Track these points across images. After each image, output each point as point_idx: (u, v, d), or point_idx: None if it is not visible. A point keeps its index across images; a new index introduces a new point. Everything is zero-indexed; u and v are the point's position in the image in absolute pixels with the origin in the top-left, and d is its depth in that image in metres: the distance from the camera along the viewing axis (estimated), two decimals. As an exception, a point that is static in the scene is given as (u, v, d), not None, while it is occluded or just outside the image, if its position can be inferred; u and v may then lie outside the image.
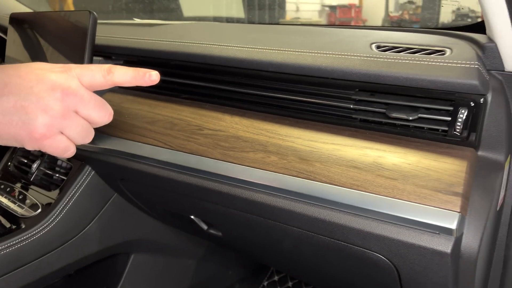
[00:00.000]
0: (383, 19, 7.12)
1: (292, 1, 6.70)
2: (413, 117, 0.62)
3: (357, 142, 0.64)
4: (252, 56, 0.73)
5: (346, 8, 7.54)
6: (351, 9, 7.54)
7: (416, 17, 6.73)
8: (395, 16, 7.09)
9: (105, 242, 1.00)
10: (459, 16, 3.35)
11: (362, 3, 7.72)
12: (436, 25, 4.40)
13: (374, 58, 0.65)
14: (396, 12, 7.24)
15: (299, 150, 0.66)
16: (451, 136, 0.60)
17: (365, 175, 0.60)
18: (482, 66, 0.60)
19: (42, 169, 1.00)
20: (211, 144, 0.73)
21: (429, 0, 5.29)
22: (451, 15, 4.38)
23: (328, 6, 7.54)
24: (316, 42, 0.77)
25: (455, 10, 3.37)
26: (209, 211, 0.79)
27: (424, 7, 6.14)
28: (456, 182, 0.55)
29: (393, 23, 6.79)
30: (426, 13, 5.40)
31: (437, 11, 4.92)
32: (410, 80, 0.60)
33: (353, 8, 7.55)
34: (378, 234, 0.58)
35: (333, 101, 0.69)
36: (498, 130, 0.59)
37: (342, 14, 7.48)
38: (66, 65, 0.49)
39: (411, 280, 0.61)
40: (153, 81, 0.53)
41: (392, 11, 7.32)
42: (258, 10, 3.35)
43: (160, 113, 0.83)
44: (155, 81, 0.53)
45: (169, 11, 1.56)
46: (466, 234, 0.55)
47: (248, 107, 0.77)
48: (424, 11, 6.11)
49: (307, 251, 0.72)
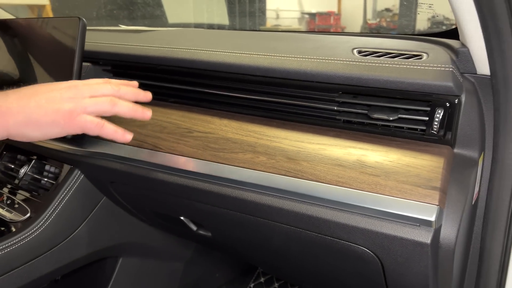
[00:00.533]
0: (361, 26, 7.28)
1: (272, 8, 6.79)
2: (393, 117, 0.66)
3: (341, 141, 0.68)
4: (240, 61, 0.76)
5: (325, 16, 7.68)
6: (330, 17, 7.69)
7: (393, 24, 6.90)
8: (373, 23, 7.26)
9: (94, 246, 1.01)
10: (434, 23, 3.46)
11: (341, 10, 7.88)
12: (412, 32, 4.52)
13: (356, 62, 0.69)
14: (374, 19, 7.41)
15: (287, 150, 0.69)
16: (429, 135, 0.64)
17: (349, 172, 0.63)
18: (456, 70, 0.64)
19: (30, 174, 1.00)
20: (201, 146, 0.76)
21: (406, 8, 5.44)
22: (426, 22, 4.52)
23: (308, 13, 7.67)
24: (300, 47, 0.80)
25: (430, 17, 3.49)
26: (199, 211, 0.81)
27: (401, 14, 6.31)
28: (434, 178, 0.59)
29: (371, 30, 6.95)
30: (403, 20, 5.54)
31: (413, 19, 5.06)
32: (390, 83, 0.64)
33: (332, 16, 7.69)
34: (362, 228, 0.61)
35: (318, 103, 0.72)
36: (471, 128, 0.64)
37: (321, 21, 7.61)
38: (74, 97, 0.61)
39: (394, 271, 0.64)
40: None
41: (370, 18, 7.49)
42: (239, 17, 3.39)
43: (149, 117, 0.85)
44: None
45: (154, 18, 1.59)
46: (444, 226, 0.59)
47: (236, 110, 0.79)
48: (400, 19, 6.28)
49: (295, 247, 0.74)
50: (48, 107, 0.58)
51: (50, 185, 0.97)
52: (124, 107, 0.62)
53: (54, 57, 0.89)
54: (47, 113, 0.58)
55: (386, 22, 7.10)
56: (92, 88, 0.62)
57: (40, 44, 0.91)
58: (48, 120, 0.58)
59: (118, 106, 0.62)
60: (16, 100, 0.58)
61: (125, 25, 1.40)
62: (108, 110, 0.61)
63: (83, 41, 0.86)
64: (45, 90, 0.60)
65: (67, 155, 0.91)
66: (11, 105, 0.57)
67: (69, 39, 0.86)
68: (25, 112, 0.58)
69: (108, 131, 0.62)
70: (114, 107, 0.61)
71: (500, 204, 0.68)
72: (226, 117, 0.79)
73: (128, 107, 0.63)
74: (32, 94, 0.59)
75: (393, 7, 7.14)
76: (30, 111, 0.58)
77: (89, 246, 1.00)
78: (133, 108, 0.63)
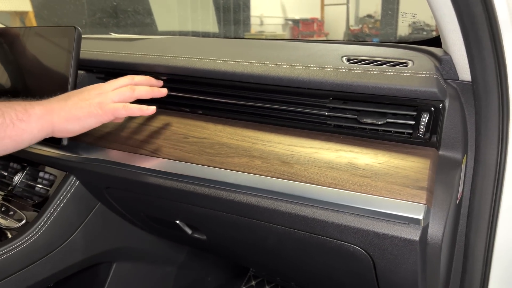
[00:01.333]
0: (344, 32, 7.39)
1: (256, 15, 6.84)
2: (381, 121, 0.69)
3: (333, 145, 0.71)
4: (234, 69, 0.79)
5: (308, 22, 7.76)
6: (313, 23, 7.77)
7: (375, 30, 7.02)
8: (356, 30, 7.38)
9: (89, 251, 1.02)
10: (415, 29, 3.56)
11: (324, 17, 7.98)
12: (394, 37, 4.61)
13: (346, 70, 0.72)
14: (356, 25, 7.53)
15: (281, 154, 0.72)
16: (416, 138, 0.67)
17: (341, 174, 0.66)
18: (440, 76, 0.68)
19: (24, 181, 1.01)
20: (197, 151, 0.78)
21: (387, 14, 5.55)
22: (407, 28, 4.61)
23: (291, 20, 7.74)
24: (291, 55, 0.83)
25: (411, 24, 3.58)
26: (195, 214, 0.83)
27: (383, 21, 6.43)
28: (421, 178, 0.63)
29: (354, 36, 7.06)
30: (385, 27, 5.65)
31: (395, 25, 5.16)
32: (379, 89, 0.68)
33: (315, 22, 7.78)
34: (354, 227, 0.64)
35: (310, 109, 0.75)
36: (455, 131, 0.68)
37: (304, 27, 7.69)
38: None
39: (385, 268, 0.67)
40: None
41: (353, 25, 7.61)
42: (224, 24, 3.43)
43: (144, 123, 0.88)
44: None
45: (144, 26, 1.60)
46: (431, 224, 0.63)
47: (230, 116, 0.82)
48: (382, 25, 6.40)
49: (289, 248, 0.77)
50: (83, 103, 0.73)
51: (45, 191, 0.98)
52: (142, 91, 0.78)
53: (50, 66, 0.90)
54: (82, 107, 0.73)
55: (368, 28, 7.23)
56: (113, 83, 0.78)
57: (35, 52, 0.93)
58: (85, 112, 0.73)
59: (137, 91, 0.78)
60: (56, 102, 0.73)
61: (115, 33, 1.41)
62: (129, 95, 0.77)
63: (78, 50, 0.88)
64: (76, 92, 0.76)
65: (62, 161, 0.92)
66: (53, 105, 0.72)
67: (65, 48, 0.88)
68: (65, 110, 0.72)
69: (134, 110, 0.76)
70: (134, 93, 0.77)
71: (482, 202, 0.72)
72: (221, 123, 0.82)
73: (146, 89, 0.79)
74: (67, 96, 0.75)
75: (375, 13, 7.28)
76: (68, 108, 0.72)
77: (84, 252, 1.01)
78: (150, 90, 0.80)
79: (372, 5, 7.36)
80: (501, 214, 0.72)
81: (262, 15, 7.19)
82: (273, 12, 7.64)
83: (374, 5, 7.27)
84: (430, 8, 0.64)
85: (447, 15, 0.62)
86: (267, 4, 7.19)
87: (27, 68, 0.93)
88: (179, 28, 2.70)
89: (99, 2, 1.71)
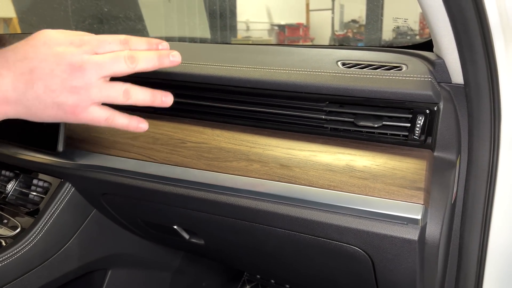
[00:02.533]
0: (329, 37, 7.47)
1: (242, 20, 6.87)
2: (378, 124, 0.71)
3: (330, 148, 0.72)
4: (231, 74, 0.80)
5: (294, 27, 7.83)
6: (299, 28, 7.84)
7: (360, 35, 7.12)
8: (341, 34, 7.46)
9: (84, 259, 1.01)
10: (399, 34, 3.62)
11: (309, 22, 8.06)
12: (379, 42, 4.68)
13: (342, 74, 0.74)
14: (341, 30, 7.62)
15: (279, 158, 0.73)
16: (411, 140, 0.69)
17: (339, 176, 0.68)
18: (434, 79, 0.70)
19: (17, 188, 1.00)
20: (195, 156, 0.78)
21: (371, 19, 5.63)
22: (391, 33, 4.69)
23: (277, 25, 7.80)
24: (286, 60, 0.84)
25: (395, 28, 3.64)
26: (193, 219, 0.83)
27: (367, 25, 6.53)
28: (418, 179, 0.64)
29: (339, 41, 7.14)
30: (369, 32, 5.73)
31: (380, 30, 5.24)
32: (374, 93, 0.69)
33: (301, 27, 7.85)
34: (354, 228, 0.66)
35: (307, 112, 0.76)
36: (449, 133, 0.69)
37: (290, 33, 7.76)
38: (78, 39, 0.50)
39: (384, 268, 0.69)
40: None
41: (338, 29, 7.70)
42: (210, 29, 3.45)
43: (141, 129, 0.88)
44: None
45: (135, 32, 1.60)
46: (429, 224, 0.64)
47: (227, 121, 0.83)
48: (367, 30, 6.49)
49: (288, 250, 0.78)
50: (48, 100, 0.49)
51: (40, 199, 0.97)
52: (139, 98, 0.52)
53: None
54: (46, 107, 0.49)
55: (353, 33, 7.32)
56: (100, 43, 0.50)
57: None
58: (50, 114, 0.50)
59: (133, 98, 0.51)
60: (11, 84, 0.49)
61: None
62: (121, 101, 0.51)
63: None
64: (43, 69, 0.48)
65: (58, 168, 0.92)
66: (7, 93, 0.49)
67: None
68: (23, 104, 0.49)
69: (120, 124, 0.53)
70: (128, 100, 0.51)
71: (476, 202, 0.74)
72: (218, 127, 0.82)
73: (144, 96, 0.52)
74: (29, 74, 0.48)
75: (359, 18, 7.38)
76: (28, 103, 0.49)
77: (80, 259, 1.00)
78: (150, 97, 0.52)
79: (357, 10, 7.46)
80: (494, 214, 0.74)
81: (248, 21, 7.23)
82: (259, 18, 7.68)
83: (359, 10, 7.37)
84: (424, 13, 0.66)
85: (440, 20, 0.64)
86: (253, 9, 7.24)
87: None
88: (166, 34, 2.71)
89: (89, 8, 1.70)
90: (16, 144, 1.00)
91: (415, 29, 3.80)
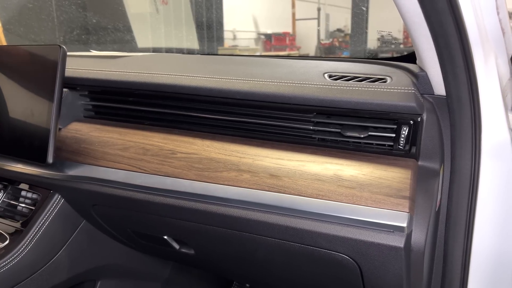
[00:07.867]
0: (315, 46, 7.55)
1: (229, 29, 6.90)
2: (364, 135, 0.73)
3: (318, 158, 0.74)
4: (221, 86, 0.81)
5: (280, 36, 7.90)
6: (285, 37, 7.91)
7: (345, 43, 7.22)
8: (327, 43, 7.56)
9: (74, 270, 1.01)
10: (383, 43, 3.69)
11: (296, 31, 8.14)
12: (364, 51, 4.75)
13: (329, 86, 0.76)
14: (327, 39, 7.72)
15: (269, 168, 0.74)
16: (396, 150, 0.71)
17: (328, 186, 0.69)
18: (417, 91, 0.72)
19: (6, 200, 0.99)
20: (185, 166, 0.79)
21: (356, 28, 5.71)
22: (376, 42, 4.76)
23: (264, 34, 7.86)
24: (275, 72, 0.86)
25: (380, 38, 3.71)
26: (184, 229, 0.84)
27: (352, 35, 6.62)
28: (404, 188, 0.66)
29: (325, 50, 7.22)
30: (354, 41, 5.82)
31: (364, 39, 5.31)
32: (360, 104, 0.71)
33: (287, 36, 7.92)
34: (342, 236, 0.67)
35: (295, 123, 0.78)
36: (433, 143, 0.72)
37: (277, 41, 7.82)
38: None
39: (372, 275, 0.70)
40: None
41: (323, 39, 7.79)
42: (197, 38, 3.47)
43: (131, 140, 0.88)
44: None
45: (124, 43, 1.61)
46: (414, 231, 0.66)
47: (217, 131, 0.84)
48: (352, 39, 6.58)
49: (278, 259, 0.79)
50: None
51: (28, 210, 0.97)
52: None
53: (34, 84, 0.90)
54: None
55: (338, 42, 7.42)
56: None
57: (19, 71, 0.92)
58: None
59: None
60: None
61: (94, 50, 1.42)
62: None
63: (63, 69, 0.88)
64: None
65: (47, 179, 0.92)
66: None
67: (49, 67, 0.88)
68: None
69: None
70: None
71: (459, 209, 0.76)
72: (208, 138, 0.84)
73: None
74: None
75: (345, 27, 7.48)
76: None
77: (69, 271, 1.00)
78: None
79: (342, 20, 7.57)
80: (477, 220, 0.76)
81: (235, 30, 7.26)
82: (246, 27, 7.73)
83: (344, 19, 7.48)
84: (407, 28, 0.68)
85: (423, 35, 0.66)
86: (239, 18, 7.28)
87: (10, 87, 0.93)
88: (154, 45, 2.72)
89: (77, 19, 1.70)
90: (5, 155, 1.00)
91: (399, 38, 3.88)
